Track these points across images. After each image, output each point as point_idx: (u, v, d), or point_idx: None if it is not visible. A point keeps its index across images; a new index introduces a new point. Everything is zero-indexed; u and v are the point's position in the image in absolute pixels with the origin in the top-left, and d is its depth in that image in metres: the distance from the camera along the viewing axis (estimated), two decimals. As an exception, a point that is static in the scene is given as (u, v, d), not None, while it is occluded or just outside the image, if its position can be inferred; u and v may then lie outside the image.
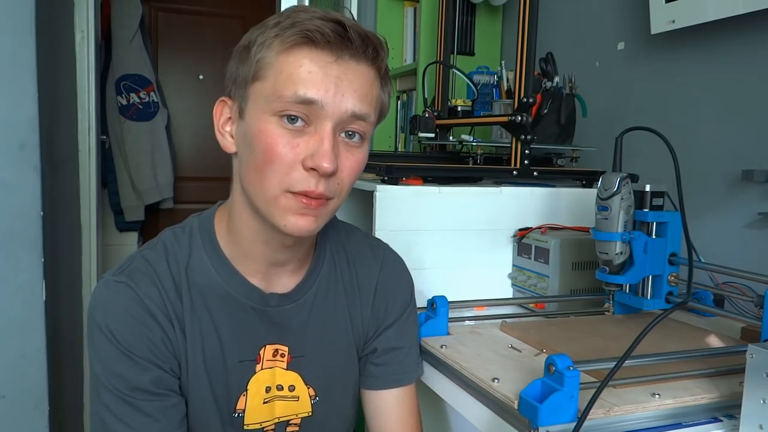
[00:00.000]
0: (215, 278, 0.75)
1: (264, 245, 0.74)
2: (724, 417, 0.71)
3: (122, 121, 3.19)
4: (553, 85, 1.38)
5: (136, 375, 0.70)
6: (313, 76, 0.65)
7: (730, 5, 1.17)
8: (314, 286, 0.80)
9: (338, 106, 0.66)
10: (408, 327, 0.86)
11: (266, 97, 0.66)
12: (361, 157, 0.71)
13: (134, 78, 3.21)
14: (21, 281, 1.47)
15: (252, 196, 0.70)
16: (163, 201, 3.40)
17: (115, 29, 3.13)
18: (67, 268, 1.97)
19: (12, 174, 1.45)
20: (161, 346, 0.72)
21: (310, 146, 0.66)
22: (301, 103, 0.65)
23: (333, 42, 0.65)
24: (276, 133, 0.66)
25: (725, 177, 1.25)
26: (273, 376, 0.79)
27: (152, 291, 0.72)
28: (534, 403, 0.64)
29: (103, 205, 3.03)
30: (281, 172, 0.66)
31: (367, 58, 0.68)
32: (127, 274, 0.73)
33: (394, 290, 0.86)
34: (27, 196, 1.46)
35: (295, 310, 0.79)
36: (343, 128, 0.68)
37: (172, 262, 0.74)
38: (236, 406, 0.77)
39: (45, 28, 1.60)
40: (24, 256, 1.47)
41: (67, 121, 2.06)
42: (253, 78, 0.67)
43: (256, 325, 0.77)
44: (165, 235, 0.78)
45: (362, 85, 0.68)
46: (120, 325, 0.70)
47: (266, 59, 0.66)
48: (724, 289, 1.07)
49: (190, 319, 0.73)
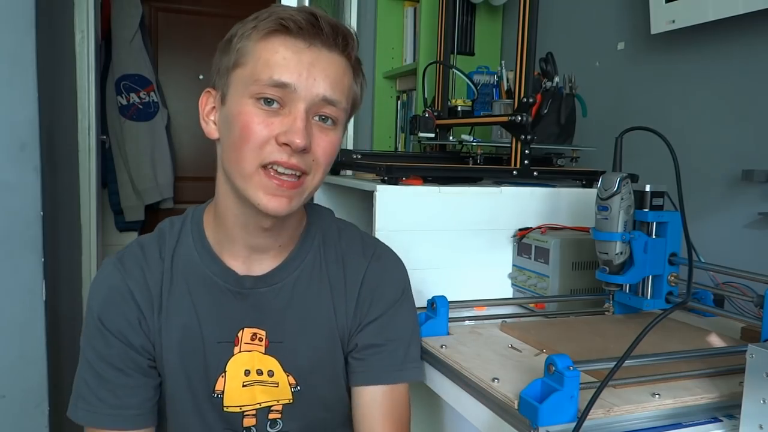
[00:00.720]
0: (197, 261, 0.80)
1: (243, 229, 0.78)
2: (724, 417, 0.71)
3: (122, 121, 3.19)
4: (553, 85, 1.38)
5: (106, 348, 0.77)
6: (288, 62, 0.70)
7: (730, 5, 1.17)
8: (294, 273, 0.82)
9: (310, 89, 0.71)
10: (393, 325, 0.84)
11: (245, 82, 0.72)
12: (335, 139, 0.75)
13: (134, 78, 3.21)
14: (21, 281, 1.47)
15: (231, 175, 0.74)
16: (163, 201, 3.41)
17: (115, 29, 3.13)
18: (67, 268, 1.97)
19: (12, 174, 1.45)
20: (135, 324, 0.78)
21: (284, 124, 0.71)
22: (275, 86, 0.70)
23: (305, 29, 0.71)
24: (252, 113, 0.71)
25: (725, 177, 1.25)
26: (252, 360, 0.80)
27: (137, 272, 0.79)
28: (534, 403, 0.64)
29: (103, 205, 3.03)
30: (256, 147, 0.71)
31: (337, 47, 0.73)
32: (119, 257, 0.81)
33: (381, 287, 0.85)
34: (27, 196, 1.46)
35: (271, 294, 0.81)
36: (315, 112, 0.73)
37: (162, 246, 0.81)
38: (215, 386, 0.80)
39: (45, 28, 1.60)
40: (24, 256, 1.47)
41: (67, 121, 2.07)
42: (234, 65, 0.73)
43: (234, 308, 0.80)
44: (163, 223, 0.85)
45: (334, 72, 0.73)
46: (101, 301, 0.78)
47: (246, 47, 0.72)
48: (724, 289, 1.07)
49: (168, 299, 0.79)
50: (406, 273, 0.89)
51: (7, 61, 1.42)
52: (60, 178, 1.88)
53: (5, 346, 1.47)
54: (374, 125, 2.44)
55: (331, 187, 1.56)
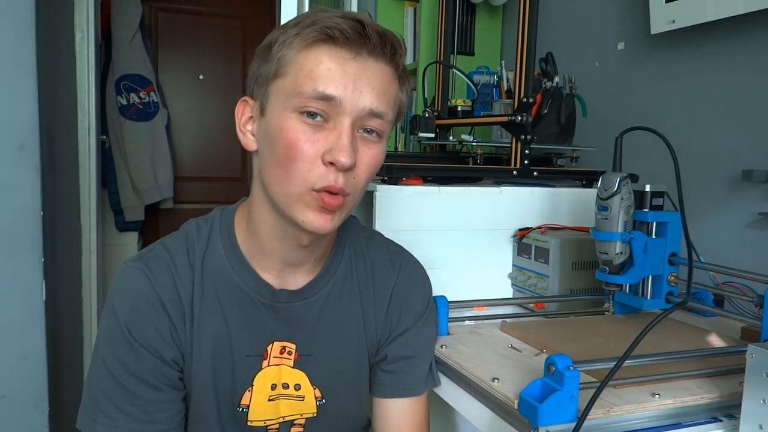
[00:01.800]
0: (228, 271, 0.76)
1: (280, 243, 0.75)
2: (724, 417, 0.71)
3: (122, 121, 3.19)
4: (553, 85, 1.38)
5: (136, 362, 0.72)
6: (332, 73, 0.66)
7: (730, 5, 1.17)
8: (327, 287, 0.80)
9: (356, 102, 0.67)
10: (421, 337, 0.84)
11: (287, 94, 0.68)
12: (378, 153, 0.72)
13: (134, 78, 3.20)
14: (21, 281, 1.47)
15: (273, 192, 0.71)
16: (163, 201, 3.40)
17: (115, 29, 3.13)
18: (67, 268, 1.97)
19: (12, 174, 1.45)
20: (167, 336, 0.73)
21: (329, 141, 0.67)
22: (320, 99, 0.66)
23: (352, 39, 0.67)
24: (297, 129, 0.67)
25: (725, 177, 1.25)
26: (279, 374, 0.79)
27: (167, 279, 0.74)
28: (534, 403, 0.64)
29: (103, 205, 3.03)
30: (304, 169, 0.67)
31: (385, 56, 0.69)
32: (145, 261, 0.75)
33: (409, 298, 0.85)
34: (27, 196, 1.46)
35: (304, 308, 0.79)
36: (361, 125, 0.69)
37: (191, 252, 0.76)
38: (241, 400, 0.78)
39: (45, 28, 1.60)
40: (24, 256, 1.47)
41: (67, 121, 2.06)
42: (274, 75, 0.69)
43: (265, 321, 0.77)
44: (188, 225, 0.80)
45: (380, 82, 0.69)
46: (129, 310, 0.72)
47: (287, 57, 0.68)
48: (724, 289, 1.07)
49: (200, 309, 0.75)
50: (430, 282, 0.89)
51: (7, 61, 1.42)
52: (60, 178, 1.88)
53: (5, 346, 1.47)
54: (374, 125, 2.44)
55: (331, 187, 1.55)
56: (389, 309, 0.83)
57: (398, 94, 0.73)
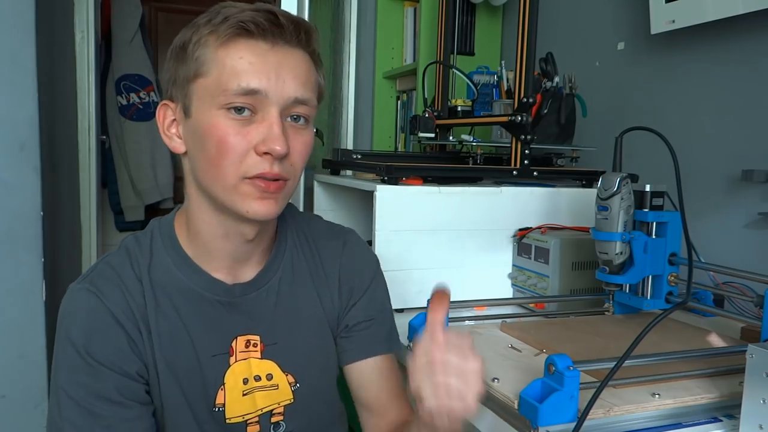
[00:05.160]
0: (178, 276, 0.76)
1: (225, 241, 0.76)
2: (724, 417, 0.71)
3: (122, 121, 3.19)
4: (553, 85, 1.38)
5: (99, 382, 0.70)
6: (254, 66, 0.68)
7: (730, 5, 1.17)
8: (278, 273, 0.82)
9: (281, 92, 0.69)
10: (375, 301, 0.87)
11: (211, 93, 0.68)
12: (308, 139, 0.74)
13: (134, 78, 3.20)
14: (21, 281, 1.47)
15: (210, 190, 0.72)
16: (163, 201, 3.40)
17: (115, 29, 3.13)
18: (67, 268, 1.97)
19: (12, 174, 1.45)
20: (126, 349, 0.72)
21: (261, 132, 0.68)
22: (245, 94, 0.67)
23: (267, 30, 0.68)
24: (226, 125, 0.68)
25: (725, 177, 1.25)
26: (249, 367, 0.79)
27: (115, 294, 0.73)
28: (534, 403, 0.65)
29: (103, 205, 3.03)
30: (236, 161, 0.68)
31: (300, 43, 0.71)
32: (89, 281, 0.74)
33: (357, 267, 0.87)
34: (27, 196, 1.46)
35: (260, 297, 0.80)
36: (288, 113, 0.71)
37: (135, 265, 0.76)
38: (215, 400, 0.78)
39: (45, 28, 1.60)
40: (24, 256, 1.47)
41: (67, 121, 2.06)
42: (195, 76, 0.69)
43: (225, 318, 0.78)
44: (127, 240, 0.80)
45: (301, 70, 0.71)
46: (83, 331, 0.71)
47: (205, 55, 0.69)
48: (724, 289, 1.07)
49: (155, 318, 0.74)
50: (373, 253, 0.93)
51: (7, 61, 1.42)
52: (60, 178, 1.88)
53: (5, 346, 1.47)
54: (374, 125, 2.44)
55: (331, 187, 1.56)
56: (341, 282, 0.86)
57: (317, 78, 0.75)
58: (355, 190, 1.33)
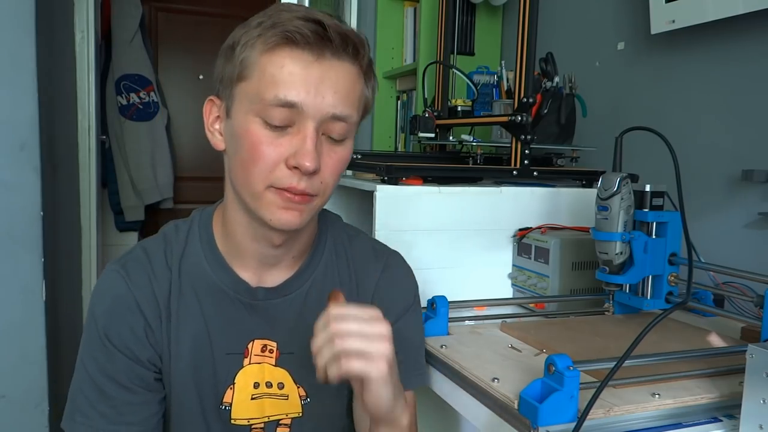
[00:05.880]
0: (206, 269, 0.77)
1: (254, 242, 0.76)
2: (724, 417, 0.71)
3: (122, 121, 3.19)
4: (553, 85, 1.38)
5: (110, 363, 0.73)
6: (294, 78, 0.66)
7: (730, 5, 1.17)
8: (306, 284, 0.80)
9: (319, 107, 0.67)
10: (403, 334, 0.82)
11: (250, 98, 0.68)
12: (344, 155, 0.72)
13: (134, 78, 3.21)
14: (21, 281, 1.47)
15: (239, 192, 0.72)
16: (163, 201, 3.40)
17: (115, 29, 3.13)
18: (67, 268, 1.97)
19: (12, 174, 1.45)
20: (142, 336, 0.75)
21: (293, 145, 0.67)
22: (282, 105, 0.66)
23: (313, 42, 0.66)
24: (260, 133, 0.68)
25: (725, 177, 1.25)
26: (262, 372, 0.79)
27: (142, 280, 0.75)
28: (534, 403, 0.65)
29: (103, 205, 3.03)
30: (265, 170, 0.68)
31: (348, 56, 0.69)
32: (122, 263, 0.76)
33: (392, 295, 0.84)
34: (27, 196, 1.46)
35: (284, 305, 0.79)
36: (325, 129, 0.69)
37: (169, 252, 0.78)
38: (223, 398, 0.78)
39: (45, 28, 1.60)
40: (24, 256, 1.47)
41: (67, 121, 2.07)
42: (238, 78, 0.69)
43: (244, 319, 0.78)
44: (167, 226, 0.81)
45: (344, 84, 0.69)
46: (105, 312, 0.74)
47: (250, 59, 0.68)
48: (724, 289, 1.07)
49: (177, 307, 0.76)
50: (415, 280, 0.89)
51: (7, 61, 1.42)
52: (60, 178, 1.88)
53: (5, 346, 1.47)
54: (374, 125, 2.44)
55: (331, 187, 1.55)
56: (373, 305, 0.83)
57: (363, 91, 0.73)
58: (355, 190, 1.33)
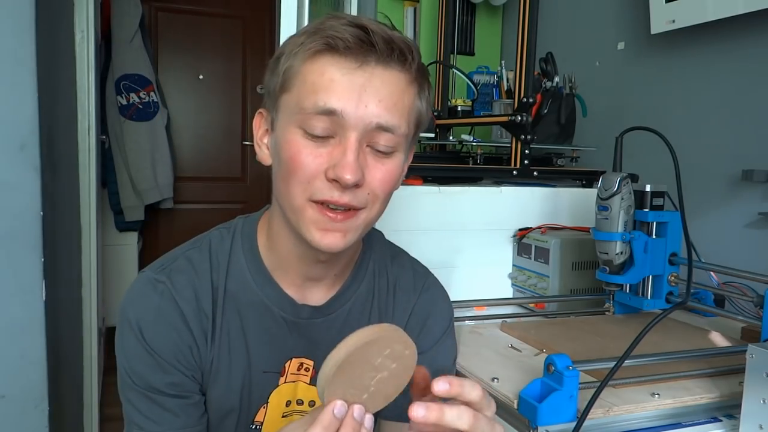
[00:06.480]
0: (251, 285, 0.74)
1: (298, 259, 0.73)
2: (724, 417, 0.71)
3: (122, 121, 3.19)
4: (553, 85, 1.38)
5: (156, 376, 0.70)
6: (336, 85, 0.62)
7: (730, 5, 1.17)
8: (348, 303, 0.78)
9: (361, 116, 0.63)
10: (437, 360, 0.80)
11: (291, 109, 0.65)
12: (393, 167, 0.67)
13: (134, 78, 3.20)
14: (21, 281, 1.47)
15: (282, 206, 0.69)
16: (163, 201, 3.40)
17: (115, 29, 3.13)
18: (67, 268, 1.97)
19: (12, 174, 1.44)
20: (186, 353, 0.71)
21: (334, 157, 0.63)
22: (322, 113, 0.62)
23: (355, 48, 0.62)
24: (299, 143, 0.64)
25: (725, 177, 1.25)
26: (294, 390, 0.77)
27: (189, 294, 0.71)
28: (533, 402, 0.65)
29: (103, 205, 3.03)
30: (304, 181, 0.64)
31: (394, 63, 0.65)
32: (167, 274, 0.72)
33: (428, 321, 0.82)
34: (27, 196, 1.46)
35: (325, 324, 0.77)
36: (369, 140, 0.65)
37: (214, 265, 0.74)
38: (255, 417, 0.76)
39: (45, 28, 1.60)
40: (24, 256, 1.47)
41: (67, 121, 2.06)
42: (281, 89, 0.66)
43: (285, 337, 0.76)
44: (213, 234, 0.77)
45: (390, 93, 0.64)
46: (150, 324, 0.70)
47: (292, 69, 0.65)
48: (724, 289, 1.07)
49: (220, 324, 0.73)
50: (451, 306, 0.86)
51: (7, 61, 1.42)
52: (60, 178, 1.88)
53: (5, 346, 1.47)
54: (374, 125, 2.44)
55: (331, 187, 1.55)
56: (407, 329, 0.79)
57: (415, 101, 0.68)
58: (355, 190, 1.33)
